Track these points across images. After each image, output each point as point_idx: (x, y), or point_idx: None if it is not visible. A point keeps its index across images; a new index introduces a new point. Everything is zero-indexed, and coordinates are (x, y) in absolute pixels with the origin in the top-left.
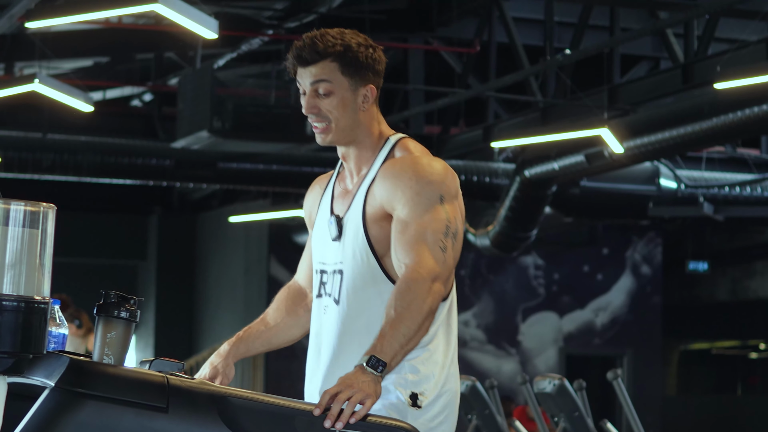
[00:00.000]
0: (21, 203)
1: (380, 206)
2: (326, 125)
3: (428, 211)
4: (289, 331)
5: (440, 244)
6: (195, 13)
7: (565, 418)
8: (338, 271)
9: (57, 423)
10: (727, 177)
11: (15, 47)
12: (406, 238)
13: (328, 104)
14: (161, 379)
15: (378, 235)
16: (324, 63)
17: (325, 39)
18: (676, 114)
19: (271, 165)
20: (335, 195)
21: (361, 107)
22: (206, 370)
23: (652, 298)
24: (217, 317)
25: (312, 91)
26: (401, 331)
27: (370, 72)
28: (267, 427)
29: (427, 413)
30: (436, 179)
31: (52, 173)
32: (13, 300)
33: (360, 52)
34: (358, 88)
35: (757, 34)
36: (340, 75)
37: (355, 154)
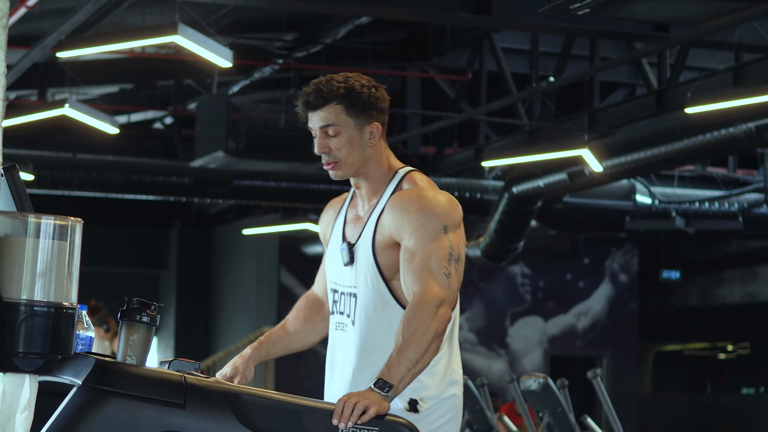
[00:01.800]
0: (51, 217)
1: (389, 235)
2: (336, 162)
3: (433, 241)
4: (307, 337)
5: (444, 270)
6: (211, 43)
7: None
8: (353, 294)
9: (84, 418)
10: (698, 193)
11: (47, 75)
12: (413, 267)
13: (337, 143)
14: (179, 378)
15: (386, 261)
16: (330, 107)
17: (330, 84)
18: (650, 136)
19: (281, 182)
20: (347, 220)
21: (368, 143)
22: (228, 369)
23: (628, 304)
24: (232, 322)
25: (322, 133)
26: (407, 356)
27: (374, 110)
28: (276, 422)
29: (427, 417)
30: (440, 211)
31: (81, 190)
32: (43, 306)
33: (363, 93)
34: (364, 127)
35: (724, 63)
36: (346, 116)
37: (366, 185)
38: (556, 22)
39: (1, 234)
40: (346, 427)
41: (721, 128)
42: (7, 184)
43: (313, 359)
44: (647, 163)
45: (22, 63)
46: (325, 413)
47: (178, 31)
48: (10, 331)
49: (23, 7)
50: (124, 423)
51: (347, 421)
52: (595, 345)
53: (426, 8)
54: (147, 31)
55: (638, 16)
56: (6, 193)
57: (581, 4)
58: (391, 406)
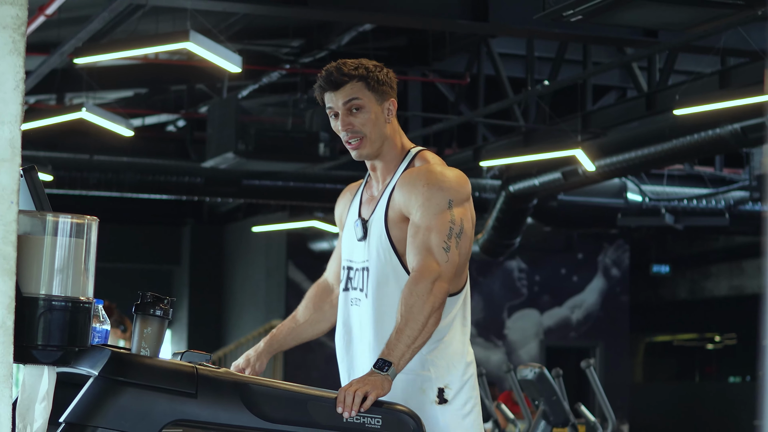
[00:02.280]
0: (68, 216)
1: (399, 210)
2: (360, 140)
3: (436, 215)
4: (317, 326)
5: (443, 245)
6: (221, 50)
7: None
8: (365, 268)
9: (100, 407)
10: (686, 191)
11: (65, 80)
12: (416, 242)
13: (362, 119)
14: (191, 368)
15: (398, 236)
16: (352, 83)
17: (348, 65)
18: (640, 137)
19: (288, 182)
20: (363, 201)
21: (387, 119)
22: (241, 361)
23: (620, 297)
24: (242, 315)
25: (345, 110)
26: (406, 333)
27: (389, 88)
28: (283, 410)
29: (454, 404)
30: (446, 186)
31: (98, 190)
32: (61, 300)
33: (379, 71)
34: (383, 103)
35: (710, 67)
36: (368, 92)
37: (381, 166)
38: (550, 28)
39: (21, 232)
40: (350, 416)
41: (708, 129)
42: (26, 185)
43: (320, 351)
44: (638, 163)
45: (41, 69)
46: (330, 402)
47: (190, 38)
48: (29, 324)
49: (42, 16)
50: (138, 411)
51: (350, 410)
52: (589, 336)
53: (426, 16)
54: (160, 38)
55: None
56: (26, 193)
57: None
58: (419, 402)
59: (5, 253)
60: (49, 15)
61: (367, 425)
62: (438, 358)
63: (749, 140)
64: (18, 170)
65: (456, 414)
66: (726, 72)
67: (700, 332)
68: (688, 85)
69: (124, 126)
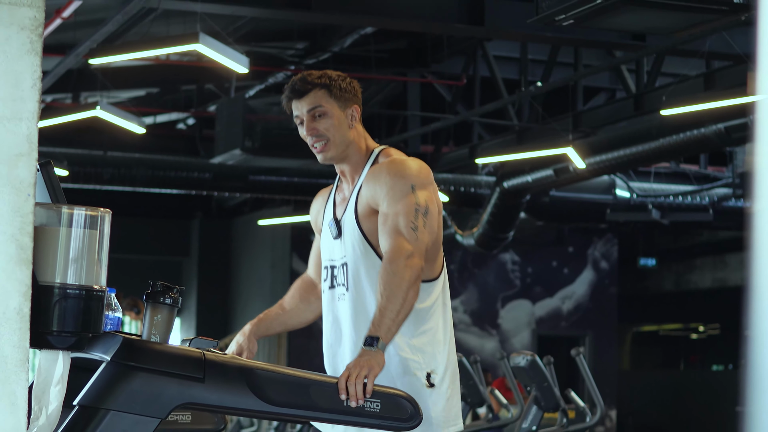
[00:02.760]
0: (82, 208)
1: (367, 204)
2: (324, 143)
3: (401, 200)
4: (302, 315)
5: (411, 225)
6: (230, 51)
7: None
8: (344, 264)
9: (112, 391)
10: (672, 188)
11: (80, 80)
12: (386, 229)
13: (325, 124)
14: (199, 354)
15: (369, 228)
16: (315, 91)
17: (312, 75)
18: (629, 136)
19: (292, 177)
20: (336, 202)
21: (350, 125)
22: (233, 348)
23: (609, 289)
24: (248, 304)
25: (310, 116)
26: (389, 308)
27: (352, 95)
28: (287, 394)
29: (441, 389)
30: (407, 173)
31: (112, 184)
32: (75, 289)
33: (341, 80)
34: (346, 109)
35: (696, 69)
36: (330, 99)
37: (349, 168)
38: (543, 32)
39: (38, 224)
40: (358, 404)
41: (693, 129)
42: (43, 179)
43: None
44: (626, 161)
45: (58, 69)
46: (331, 386)
47: (200, 40)
48: (45, 311)
49: (59, 18)
50: (148, 395)
51: (356, 399)
52: (579, 326)
53: (425, 19)
54: (171, 40)
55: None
56: (42, 187)
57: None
58: (413, 386)
59: (22, 243)
60: (66, 18)
61: (367, 409)
62: (425, 344)
63: (732, 139)
64: (35, 164)
65: (441, 397)
66: (710, 74)
67: (684, 323)
68: (675, 86)
69: (137, 124)
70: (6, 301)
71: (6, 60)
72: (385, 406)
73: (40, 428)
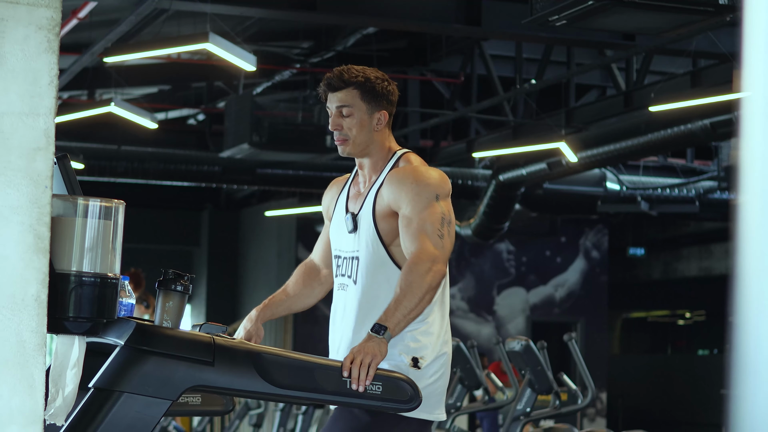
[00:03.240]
0: (97, 200)
1: (387, 206)
2: (345, 140)
3: (427, 208)
4: (305, 300)
5: (438, 232)
6: (238, 50)
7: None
8: (355, 257)
9: (126, 374)
10: (660, 181)
11: (96, 77)
12: (411, 230)
13: (349, 123)
14: (209, 339)
15: (385, 228)
16: (347, 90)
17: (350, 71)
18: (619, 131)
19: (298, 171)
20: (350, 195)
21: (375, 128)
22: (242, 333)
23: (600, 277)
24: (255, 291)
25: (337, 112)
26: (404, 304)
27: (385, 101)
28: (292, 377)
29: (426, 372)
30: (432, 182)
31: (125, 177)
32: (90, 276)
33: (377, 84)
34: (374, 113)
35: (683, 68)
36: (360, 101)
37: (369, 165)
38: (537, 32)
39: (55, 214)
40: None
41: (680, 124)
42: (60, 171)
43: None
44: (616, 155)
45: (74, 67)
46: (335, 370)
47: (209, 40)
48: (62, 298)
49: (75, 19)
50: (160, 378)
51: (362, 384)
52: (571, 312)
53: (424, 20)
54: (182, 40)
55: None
56: (59, 179)
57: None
58: (397, 363)
59: (40, 233)
60: (82, 18)
61: (369, 391)
62: (420, 335)
63: (718, 135)
64: (52, 158)
65: (423, 378)
66: (697, 73)
67: (671, 309)
68: (663, 84)
69: (149, 119)
70: (24, 288)
71: (24, 58)
72: (386, 389)
73: (57, 409)
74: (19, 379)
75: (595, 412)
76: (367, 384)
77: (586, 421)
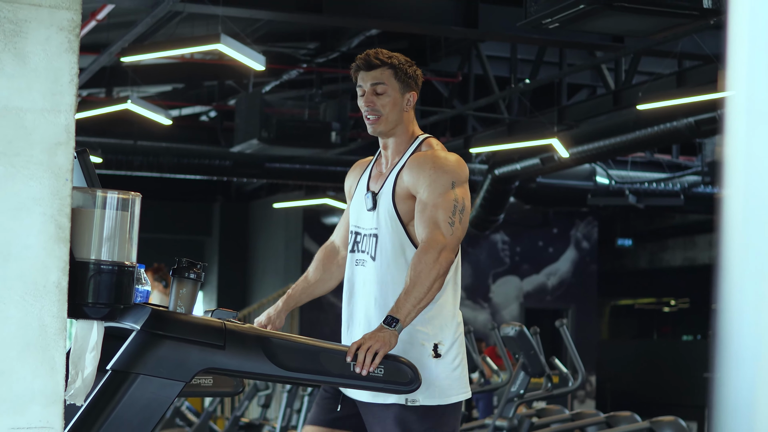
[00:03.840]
0: (115, 192)
1: (406, 188)
2: (377, 117)
3: (442, 194)
4: (326, 284)
5: (449, 220)
6: (248, 51)
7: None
8: (374, 235)
9: (142, 357)
10: (647, 175)
11: (113, 76)
12: (424, 217)
13: (383, 101)
14: (220, 324)
15: (403, 209)
16: (383, 69)
17: (384, 53)
18: (608, 128)
19: (304, 165)
20: (372, 175)
21: (405, 108)
22: (263, 318)
23: (590, 266)
24: (264, 279)
25: (371, 90)
26: (413, 294)
27: (414, 83)
28: (299, 361)
29: (446, 359)
30: (449, 169)
31: (141, 171)
32: (108, 264)
33: (408, 66)
34: (405, 93)
35: (669, 68)
36: (394, 80)
37: (393, 146)
38: (531, 34)
39: (75, 205)
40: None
41: (666, 122)
42: (79, 165)
43: (331, 310)
44: (605, 151)
45: (92, 66)
46: (340, 354)
47: (221, 41)
48: (81, 285)
49: (93, 21)
50: (174, 361)
51: (363, 368)
52: (562, 299)
53: (424, 23)
54: (195, 41)
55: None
56: (78, 173)
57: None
58: (420, 356)
59: (61, 223)
60: (100, 20)
61: (371, 374)
62: (434, 317)
63: (702, 132)
64: (72, 152)
65: (447, 367)
66: (682, 73)
67: (657, 297)
68: (650, 84)
69: (164, 116)
70: (46, 275)
71: (46, 58)
72: (388, 371)
73: (76, 390)
74: (41, 361)
75: (584, 395)
76: (371, 370)
77: (576, 402)
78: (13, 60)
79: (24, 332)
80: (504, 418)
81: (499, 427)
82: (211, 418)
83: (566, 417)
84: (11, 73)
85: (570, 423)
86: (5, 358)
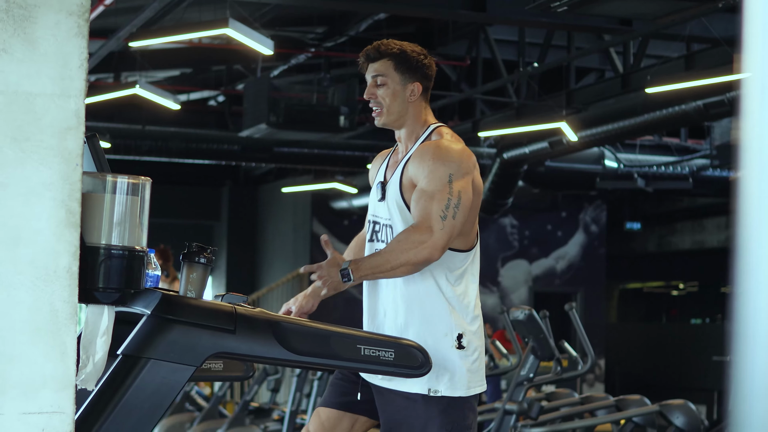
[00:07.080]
0: (125, 177)
1: (410, 179)
2: (380, 110)
3: (438, 187)
4: None
5: (441, 213)
6: (256, 35)
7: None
8: (389, 225)
9: (152, 341)
10: (655, 159)
11: (121, 61)
12: (418, 204)
13: (383, 92)
14: (230, 308)
15: (411, 198)
16: (383, 61)
17: (387, 44)
18: (616, 112)
19: (313, 149)
20: (389, 165)
21: (408, 99)
22: (291, 301)
23: (598, 250)
24: (273, 264)
25: (372, 82)
26: (378, 261)
27: (419, 73)
28: (309, 344)
29: (467, 350)
30: (449, 160)
31: (150, 155)
32: (119, 249)
33: (412, 56)
34: (407, 84)
35: (677, 52)
36: (394, 71)
37: (405, 136)
38: (539, 17)
39: (85, 190)
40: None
41: (674, 105)
42: (89, 150)
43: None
44: (614, 134)
45: (101, 51)
46: (350, 337)
47: (229, 25)
48: (92, 270)
49: (102, 6)
50: (185, 345)
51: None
52: (571, 283)
53: (432, 6)
54: (203, 25)
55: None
56: (88, 157)
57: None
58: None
59: (71, 208)
60: (108, 5)
61: (382, 357)
62: (457, 308)
63: (710, 115)
64: (82, 137)
65: (468, 358)
66: (691, 56)
67: (666, 280)
68: (658, 67)
69: (172, 101)
70: (57, 260)
71: (56, 42)
72: (398, 355)
73: (87, 375)
74: (52, 346)
75: (594, 378)
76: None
77: (585, 386)
78: (23, 45)
79: (35, 317)
80: (514, 401)
81: (509, 410)
82: (220, 402)
83: (576, 401)
84: (21, 58)
85: (579, 406)
86: (16, 343)
